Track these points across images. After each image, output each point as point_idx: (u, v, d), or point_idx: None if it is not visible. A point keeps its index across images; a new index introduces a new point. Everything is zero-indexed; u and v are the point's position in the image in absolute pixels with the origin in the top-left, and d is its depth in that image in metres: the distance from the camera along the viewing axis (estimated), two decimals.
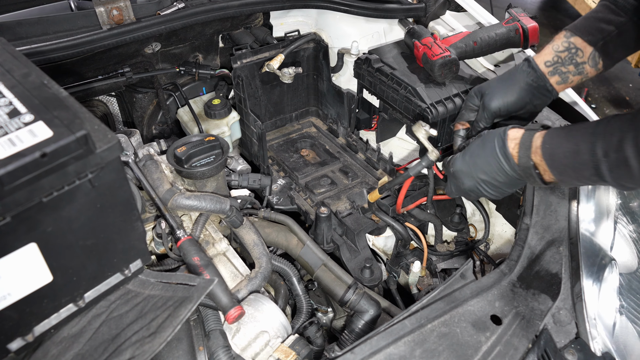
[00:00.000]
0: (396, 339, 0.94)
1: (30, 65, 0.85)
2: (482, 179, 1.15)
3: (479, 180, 1.15)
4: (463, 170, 1.18)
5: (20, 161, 0.66)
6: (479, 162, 1.13)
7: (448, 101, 1.46)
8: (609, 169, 0.90)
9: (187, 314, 0.80)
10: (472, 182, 1.17)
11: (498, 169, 1.09)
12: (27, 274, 0.76)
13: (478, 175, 1.15)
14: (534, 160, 1.02)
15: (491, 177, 1.12)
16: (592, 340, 1.06)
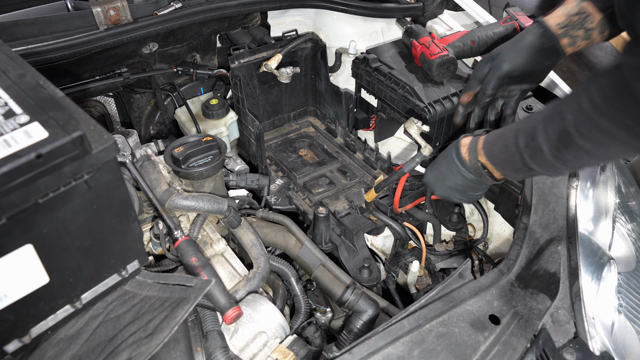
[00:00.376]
0: (394, 339, 0.94)
1: (26, 66, 0.85)
2: (449, 186, 1.27)
3: (446, 188, 1.28)
4: (432, 181, 1.32)
5: (16, 162, 0.65)
6: (442, 171, 1.26)
7: (446, 100, 1.46)
8: (530, 157, 1.03)
9: (184, 315, 0.80)
10: (442, 190, 1.30)
11: (457, 174, 1.22)
12: (24, 276, 0.76)
13: (445, 183, 1.27)
14: (481, 160, 1.16)
15: (454, 182, 1.24)
16: (590, 339, 1.06)
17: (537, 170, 1.05)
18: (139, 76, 1.71)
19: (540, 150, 1.00)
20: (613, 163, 1.42)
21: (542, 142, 0.98)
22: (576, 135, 0.92)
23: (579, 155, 0.94)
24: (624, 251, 1.32)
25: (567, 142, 0.93)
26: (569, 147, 0.94)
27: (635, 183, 1.49)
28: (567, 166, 1.01)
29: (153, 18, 1.50)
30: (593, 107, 0.88)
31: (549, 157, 0.98)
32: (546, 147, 0.98)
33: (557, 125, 0.95)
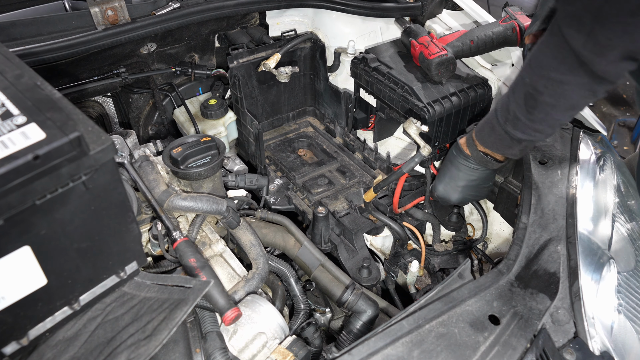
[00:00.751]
0: (394, 340, 0.93)
1: (23, 67, 0.84)
2: (462, 186, 1.36)
3: (460, 189, 1.37)
4: (444, 190, 1.40)
5: (13, 164, 0.65)
6: (452, 174, 1.35)
7: (445, 100, 1.46)
8: (512, 128, 1.13)
9: (183, 316, 0.80)
10: (457, 194, 1.39)
11: (466, 170, 1.33)
12: (21, 277, 0.75)
13: (457, 184, 1.36)
14: (480, 149, 1.28)
15: (466, 179, 1.34)
16: (590, 339, 1.06)
17: (523, 138, 1.14)
18: (137, 76, 1.70)
19: (517, 119, 1.10)
20: (612, 162, 1.42)
21: (516, 110, 1.09)
22: (537, 94, 1.02)
23: (547, 110, 1.03)
24: (624, 251, 1.31)
25: (533, 103, 1.03)
26: (536, 107, 1.04)
27: (634, 182, 1.49)
28: (545, 125, 1.09)
29: (151, 18, 1.49)
30: (541, 64, 0.99)
31: (526, 121, 1.08)
32: (520, 114, 1.08)
33: (521, 91, 1.06)
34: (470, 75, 1.55)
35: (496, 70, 1.66)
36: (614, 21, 0.85)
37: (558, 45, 0.94)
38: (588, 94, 1.00)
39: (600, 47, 0.89)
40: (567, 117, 1.11)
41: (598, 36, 0.87)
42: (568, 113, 1.08)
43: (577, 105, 1.05)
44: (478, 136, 1.26)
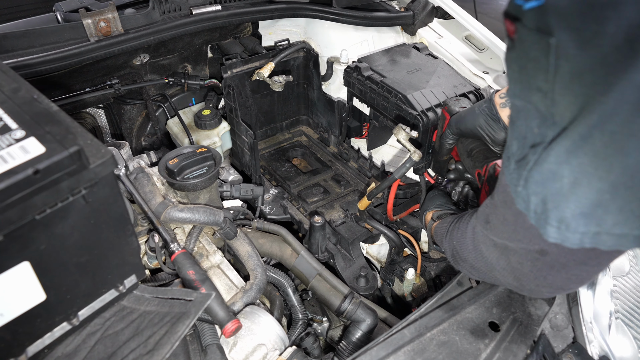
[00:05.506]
0: (396, 349, 0.93)
1: (20, 80, 0.83)
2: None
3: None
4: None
5: (13, 179, 0.64)
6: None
7: (438, 108, 1.47)
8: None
9: (185, 330, 0.79)
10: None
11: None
12: (20, 294, 0.74)
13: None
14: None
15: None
16: (589, 344, 1.07)
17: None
18: (130, 87, 1.70)
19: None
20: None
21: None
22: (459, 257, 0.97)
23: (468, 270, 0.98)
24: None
25: (455, 258, 0.98)
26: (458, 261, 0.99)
27: None
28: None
29: (144, 29, 1.49)
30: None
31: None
32: (448, 252, 1.03)
33: (450, 248, 1.01)
34: (463, 82, 1.56)
35: (488, 78, 1.68)
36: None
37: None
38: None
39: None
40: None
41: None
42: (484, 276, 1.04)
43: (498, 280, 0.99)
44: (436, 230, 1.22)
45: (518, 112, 0.62)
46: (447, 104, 1.34)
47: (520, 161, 0.62)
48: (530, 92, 0.57)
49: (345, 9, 1.78)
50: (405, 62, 1.67)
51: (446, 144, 1.34)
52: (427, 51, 1.76)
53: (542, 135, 0.58)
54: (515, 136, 0.63)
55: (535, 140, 0.59)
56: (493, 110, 1.14)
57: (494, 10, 6.17)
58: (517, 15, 0.55)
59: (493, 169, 1.18)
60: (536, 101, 0.57)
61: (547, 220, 0.61)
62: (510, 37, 0.57)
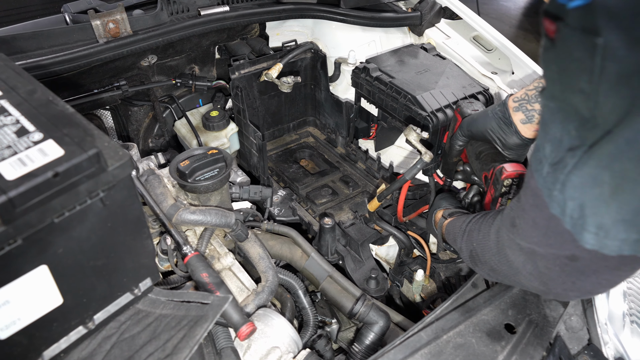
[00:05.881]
0: (413, 352, 0.93)
1: (35, 82, 0.83)
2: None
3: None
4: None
5: (32, 182, 0.64)
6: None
7: (447, 109, 1.46)
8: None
9: (204, 333, 0.78)
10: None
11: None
12: (38, 298, 0.73)
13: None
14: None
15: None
16: (604, 345, 1.06)
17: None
18: (138, 89, 1.69)
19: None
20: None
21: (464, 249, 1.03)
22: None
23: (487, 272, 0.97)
24: None
25: (474, 259, 0.97)
26: (477, 263, 0.98)
27: None
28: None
29: (153, 30, 1.48)
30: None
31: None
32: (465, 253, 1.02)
33: (467, 248, 1.00)
34: (472, 83, 1.56)
35: (496, 78, 1.67)
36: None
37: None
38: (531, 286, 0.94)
39: None
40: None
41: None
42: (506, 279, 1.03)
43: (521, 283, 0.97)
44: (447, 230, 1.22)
45: (553, 114, 0.60)
46: (459, 105, 1.34)
47: (555, 164, 0.61)
48: (571, 93, 0.56)
49: (352, 9, 1.78)
50: (414, 63, 1.66)
51: (456, 145, 1.33)
52: (435, 52, 1.76)
53: (581, 138, 0.56)
54: (548, 139, 0.62)
55: (573, 143, 0.58)
56: (506, 114, 1.13)
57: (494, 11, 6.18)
58: (559, 14, 0.53)
59: (499, 172, 1.17)
60: (577, 103, 0.55)
61: (584, 227, 0.60)
62: (549, 37, 0.56)
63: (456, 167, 1.43)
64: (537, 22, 2.13)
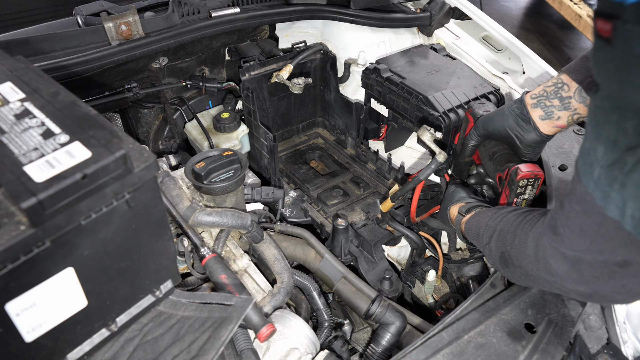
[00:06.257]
0: (435, 352, 0.93)
1: (56, 84, 0.83)
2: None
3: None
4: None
5: (62, 184, 0.63)
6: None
7: (459, 109, 1.46)
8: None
9: (229, 334, 0.78)
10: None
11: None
12: (63, 300, 0.73)
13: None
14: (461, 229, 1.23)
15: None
16: (623, 344, 1.06)
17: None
18: (148, 91, 1.69)
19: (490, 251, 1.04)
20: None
21: (493, 248, 1.02)
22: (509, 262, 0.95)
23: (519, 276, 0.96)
24: None
25: (506, 262, 0.96)
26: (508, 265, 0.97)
27: None
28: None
29: (165, 32, 1.49)
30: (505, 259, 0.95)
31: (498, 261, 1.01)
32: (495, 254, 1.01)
33: (498, 250, 0.99)
34: (483, 83, 1.56)
35: (507, 78, 1.67)
36: None
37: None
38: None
39: None
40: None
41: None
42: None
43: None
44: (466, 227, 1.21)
45: (607, 115, 0.60)
46: (471, 106, 1.34)
47: (611, 166, 0.60)
48: (632, 90, 0.55)
49: (362, 10, 1.78)
50: (424, 63, 1.66)
51: (469, 145, 1.33)
52: (445, 52, 1.76)
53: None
54: (601, 140, 0.61)
55: (631, 142, 0.57)
56: (524, 110, 1.13)
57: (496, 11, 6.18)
58: (615, 13, 0.53)
59: (515, 172, 1.17)
60: (638, 100, 0.55)
61: None
62: (603, 37, 0.56)
63: (468, 168, 1.42)
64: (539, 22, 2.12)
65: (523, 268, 0.89)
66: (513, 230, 0.93)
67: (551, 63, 1.69)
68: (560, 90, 1.10)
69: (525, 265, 0.88)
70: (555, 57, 4.91)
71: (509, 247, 0.93)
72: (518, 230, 0.92)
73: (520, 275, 0.92)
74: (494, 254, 0.99)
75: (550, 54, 4.98)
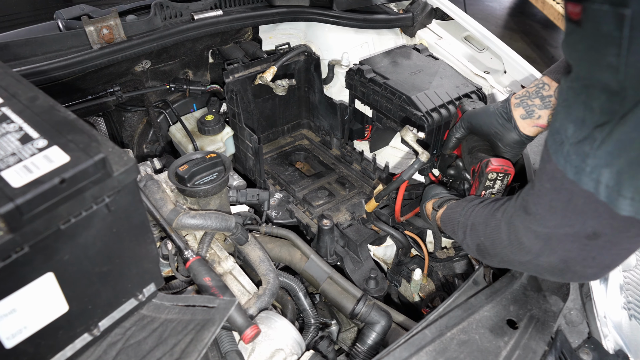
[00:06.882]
0: (418, 350, 0.93)
1: (35, 89, 0.82)
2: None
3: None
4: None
5: (39, 188, 0.63)
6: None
7: (442, 108, 1.48)
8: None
9: (212, 336, 0.78)
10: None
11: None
12: (44, 305, 0.73)
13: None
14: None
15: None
16: (604, 338, 1.08)
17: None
18: (132, 94, 1.68)
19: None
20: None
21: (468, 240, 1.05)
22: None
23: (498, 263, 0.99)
24: None
25: (483, 252, 0.99)
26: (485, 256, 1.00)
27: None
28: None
29: (147, 35, 1.48)
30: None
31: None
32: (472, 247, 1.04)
33: (473, 243, 1.01)
34: (465, 83, 1.57)
35: (489, 77, 1.69)
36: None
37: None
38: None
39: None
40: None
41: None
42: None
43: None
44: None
45: (577, 95, 0.62)
46: (461, 102, 1.37)
47: (581, 142, 0.62)
48: (599, 69, 0.57)
49: (345, 12, 1.79)
50: (407, 64, 1.68)
51: (454, 137, 1.35)
52: (428, 52, 1.77)
53: (610, 113, 0.58)
54: (571, 119, 0.63)
55: (599, 120, 0.59)
56: (507, 109, 1.15)
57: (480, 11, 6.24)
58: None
59: (485, 165, 1.19)
60: (605, 78, 0.57)
61: (620, 192, 0.61)
62: (573, 20, 0.58)
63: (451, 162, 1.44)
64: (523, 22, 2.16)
65: (499, 255, 0.91)
66: (484, 221, 0.96)
67: (535, 62, 1.72)
68: (542, 90, 1.12)
69: (500, 251, 0.90)
70: (539, 56, 4.97)
71: (483, 237, 0.95)
72: (489, 219, 0.94)
73: (498, 262, 0.94)
74: (471, 247, 1.01)
75: (534, 53, 5.04)
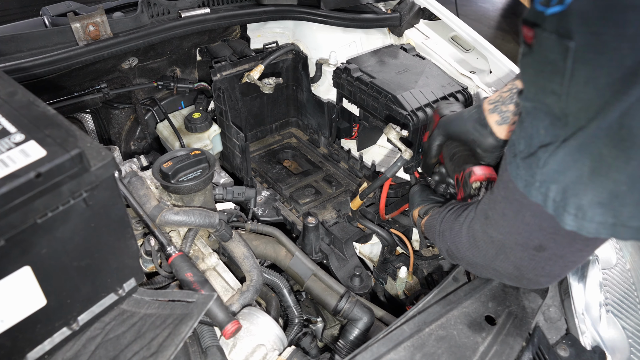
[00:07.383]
0: (396, 345, 0.94)
1: (15, 84, 0.83)
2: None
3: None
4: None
5: (14, 182, 0.64)
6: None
7: (427, 107, 1.49)
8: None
9: (189, 331, 0.79)
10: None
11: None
12: (21, 299, 0.73)
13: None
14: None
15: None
16: (581, 334, 1.09)
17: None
18: (119, 91, 1.68)
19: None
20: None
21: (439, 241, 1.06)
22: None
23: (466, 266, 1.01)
24: (605, 248, 1.37)
25: (452, 257, 1.01)
26: (454, 260, 1.01)
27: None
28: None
29: (134, 32, 1.48)
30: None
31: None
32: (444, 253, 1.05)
33: (444, 249, 1.03)
34: (451, 82, 1.59)
35: (475, 77, 1.70)
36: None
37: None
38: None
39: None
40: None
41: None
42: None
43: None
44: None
45: (528, 114, 0.64)
46: (438, 106, 1.35)
47: (528, 158, 0.64)
48: (545, 94, 0.59)
49: (333, 11, 1.79)
50: (394, 63, 1.69)
51: (433, 145, 1.34)
52: (415, 52, 1.79)
53: (554, 136, 0.60)
54: (522, 135, 0.65)
55: (543, 141, 0.61)
56: (482, 115, 1.15)
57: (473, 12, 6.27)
58: (537, 21, 0.56)
59: (469, 175, 1.18)
60: (550, 103, 0.59)
61: (565, 208, 0.62)
62: (527, 43, 0.59)
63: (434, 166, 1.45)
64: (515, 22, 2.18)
65: (464, 259, 0.93)
66: (449, 226, 0.98)
67: None
68: (516, 95, 1.12)
69: (464, 254, 0.92)
70: None
71: (449, 242, 0.97)
72: (453, 223, 0.96)
73: (466, 265, 0.96)
74: (444, 252, 1.03)
75: None
